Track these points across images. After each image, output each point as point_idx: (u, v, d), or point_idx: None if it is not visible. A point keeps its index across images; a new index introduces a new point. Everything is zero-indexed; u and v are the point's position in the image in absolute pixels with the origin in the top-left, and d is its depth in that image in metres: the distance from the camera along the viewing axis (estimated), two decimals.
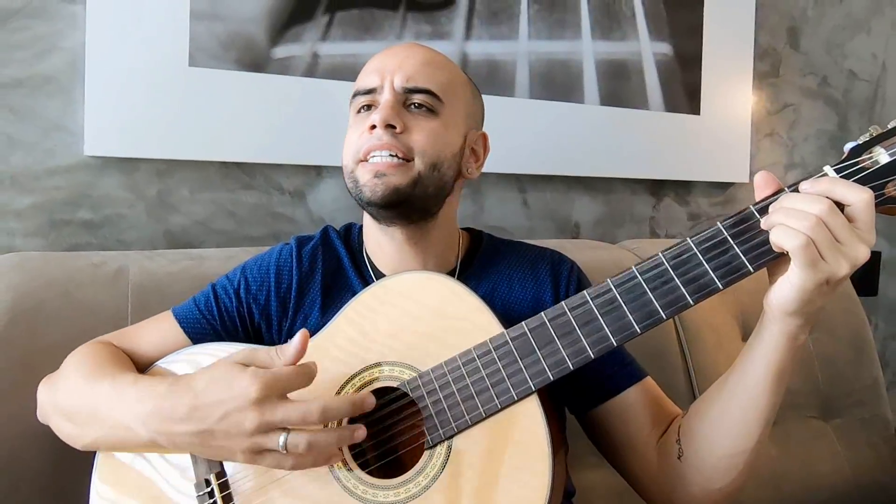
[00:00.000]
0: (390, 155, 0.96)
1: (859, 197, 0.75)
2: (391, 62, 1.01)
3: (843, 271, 0.74)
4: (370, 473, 0.88)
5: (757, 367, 0.84)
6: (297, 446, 0.78)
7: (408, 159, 0.97)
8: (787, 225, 0.74)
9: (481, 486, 0.83)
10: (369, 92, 1.01)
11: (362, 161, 0.98)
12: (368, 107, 1.01)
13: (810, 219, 0.73)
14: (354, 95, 1.03)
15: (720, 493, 0.91)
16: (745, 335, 1.60)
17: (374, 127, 0.97)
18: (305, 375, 0.82)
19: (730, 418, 0.88)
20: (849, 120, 2.20)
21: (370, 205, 0.98)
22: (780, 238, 0.75)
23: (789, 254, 0.74)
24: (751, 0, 1.98)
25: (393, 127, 0.97)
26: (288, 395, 0.81)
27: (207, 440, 0.82)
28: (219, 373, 0.83)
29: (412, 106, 1.00)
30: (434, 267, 1.04)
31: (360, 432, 0.82)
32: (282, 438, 0.78)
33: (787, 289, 0.76)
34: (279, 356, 0.84)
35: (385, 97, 0.99)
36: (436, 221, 1.03)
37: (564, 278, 1.07)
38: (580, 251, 1.41)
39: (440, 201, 1.03)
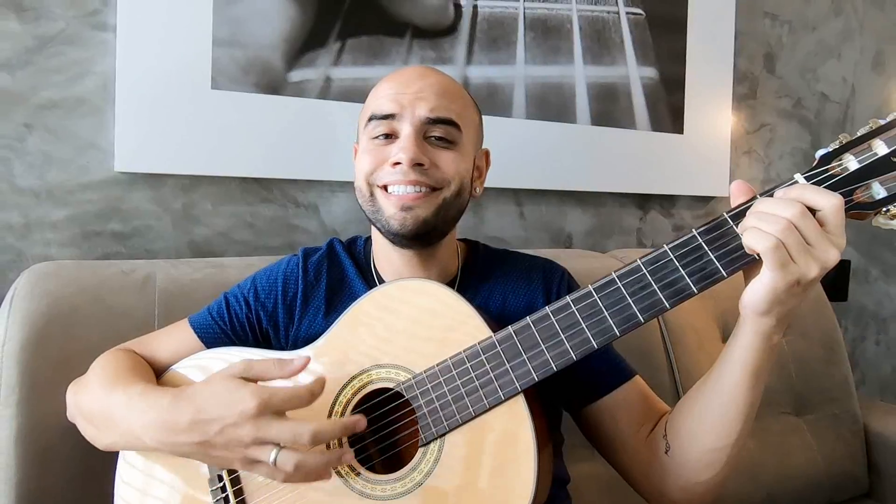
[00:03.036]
0: (416, 189, 0.91)
1: (830, 202, 0.71)
2: (409, 90, 0.93)
3: (812, 273, 0.71)
4: (373, 468, 0.85)
5: (735, 366, 0.81)
6: (285, 464, 0.75)
7: (433, 188, 0.93)
8: (758, 228, 0.71)
9: (471, 481, 0.80)
10: (386, 117, 0.93)
11: (382, 188, 0.93)
12: (387, 135, 0.94)
13: (781, 222, 0.70)
14: (370, 119, 0.95)
15: (705, 485, 0.88)
16: (725, 337, 1.58)
17: (397, 163, 0.91)
18: (303, 397, 0.78)
19: (712, 415, 0.85)
20: (821, 138, 2.18)
21: (396, 235, 0.93)
22: (752, 240, 0.71)
23: (760, 255, 0.71)
24: (730, 28, 1.96)
25: (420, 164, 0.91)
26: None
27: (207, 450, 0.79)
28: (219, 387, 0.79)
29: (433, 137, 0.94)
30: (437, 277, 1.00)
31: (348, 456, 0.79)
32: (272, 454, 0.75)
33: (758, 289, 0.73)
34: (278, 369, 0.81)
35: (406, 130, 0.92)
36: (444, 238, 1.00)
37: (556, 284, 1.04)
38: (572, 260, 1.39)
39: (455, 222, 1.00)
